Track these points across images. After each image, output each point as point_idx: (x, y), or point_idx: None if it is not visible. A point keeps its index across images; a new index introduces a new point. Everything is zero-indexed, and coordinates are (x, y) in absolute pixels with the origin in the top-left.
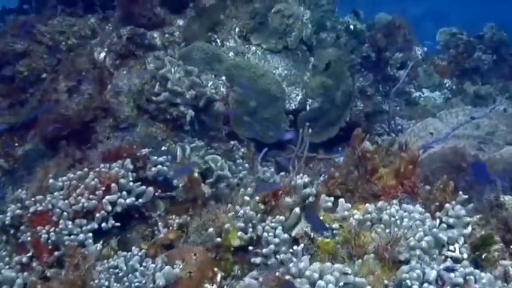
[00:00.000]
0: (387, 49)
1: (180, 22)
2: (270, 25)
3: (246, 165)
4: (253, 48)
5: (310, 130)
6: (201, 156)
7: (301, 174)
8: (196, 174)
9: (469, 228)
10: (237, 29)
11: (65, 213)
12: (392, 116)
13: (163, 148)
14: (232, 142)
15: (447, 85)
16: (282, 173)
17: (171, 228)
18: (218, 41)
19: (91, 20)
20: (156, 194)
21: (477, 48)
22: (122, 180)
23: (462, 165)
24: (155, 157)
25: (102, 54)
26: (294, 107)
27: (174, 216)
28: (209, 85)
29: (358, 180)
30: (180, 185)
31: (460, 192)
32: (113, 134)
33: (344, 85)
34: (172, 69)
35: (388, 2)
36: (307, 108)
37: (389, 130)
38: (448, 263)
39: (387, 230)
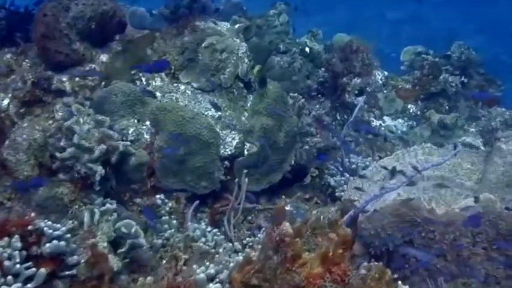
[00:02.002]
0: (344, 75)
1: (104, 58)
2: (201, 61)
3: (174, 222)
4: (182, 87)
5: (246, 179)
6: (113, 222)
7: (204, 266)
8: (104, 244)
9: None
10: None
11: None
12: (346, 153)
13: (70, 212)
14: (158, 196)
15: (411, 111)
16: None
17: None
18: (143, 79)
19: (7, 55)
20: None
21: (443, 70)
22: (6, 263)
23: (416, 220)
24: (51, 230)
25: (6, 101)
26: (229, 153)
27: None
28: (130, 132)
29: (277, 268)
30: (83, 261)
31: (399, 283)
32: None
33: (287, 125)
34: (81, 120)
35: (366, 6)
36: (245, 153)
37: (342, 170)
38: None
39: None
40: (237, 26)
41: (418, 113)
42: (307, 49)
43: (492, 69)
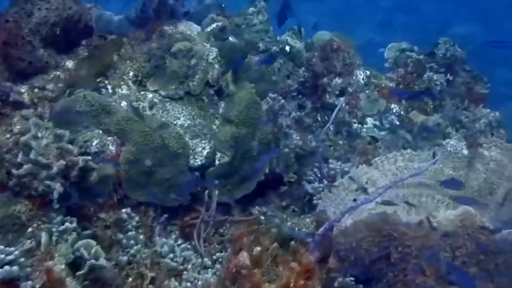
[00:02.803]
0: (324, 74)
1: (69, 64)
2: (168, 68)
3: (141, 237)
4: (150, 95)
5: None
6: (72, 242)
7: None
8: (62, 267)
9: None
10: (131, 73)
11: None
12: (324, 158)
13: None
14: (124, 210)
15: (394, 111)
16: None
17: None
18: (109, 87)
19: None
20: None
21: (428, 68)
22: None
23: (393, 235)
24: (3, 255)
25: None
26: (200, 163)
27: None
28: (94, 144)
29: None
30: (38, 286)
31: None
32: None
33: (261, 132)
34: (39, 134)
35: None
36: (216, 163)
37: (320, 176)
38: None
39: None
40: (212, 26)
41: (402, 113)
42: (287, 48)
43: (482, 60)
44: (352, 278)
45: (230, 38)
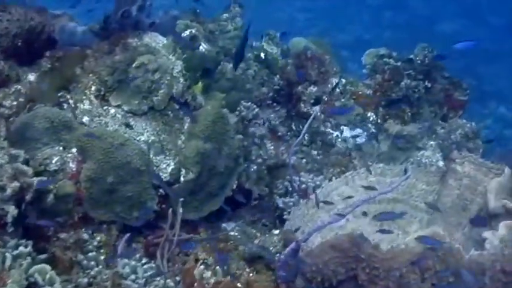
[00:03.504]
0: (299, 83)
1: (32, 77)
2: (132, 82)
3: (102, 257)
4: (113, 111)
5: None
6: (26, 267)
7: None
8: None
9: None
10: (93, 87)
11: None
12: (296, 171)
13: None
14: (85, 229)
15: (371, 119)
16: None
17: None
18: (71, 102)
19: None
20: None
21: (405, 75)
22: None
23: (360, 256)
24: None
25: None
26: (164, 180)
27: None
28: (54, 161)
29: None
30: None
31: None
32: None
33: (228, 147)
34: None
35: None
36: (181, 179)
37: (291, 190)
38: None
39: None
40: (186, 33)
41: (379, 121)
42: (262, 55)
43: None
44: None
45: (203, 45)
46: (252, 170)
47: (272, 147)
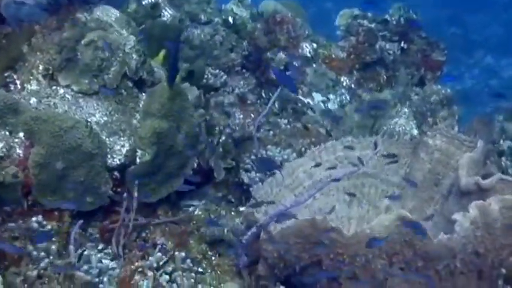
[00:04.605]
0: (268, 49)
1: None
2: (81, 61)
3: (53, 247)
4: (62, 91)
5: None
6: None
7: None
8: None
9: None
10: (41, 67)
11: None
12: (262, 145)
13: None
14: (34, 218)
15: (344, 84)
16: None
17: None
18: (18, 83)
19: None
20: None
21: (380, 36)
22: None
23: (322, 241)
24: None
25: None
26: (119, 162)
27: None
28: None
29: None
30: None
31: None
32: None
33: (187, 125)
34: None
35: None
36: (137, 161)
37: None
38: None
39: None
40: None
41: (353, 86)
42: (230, 19)
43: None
44: (283, 287)
45: (168, 11)
46: (218, 143)
47: (241, 116)
